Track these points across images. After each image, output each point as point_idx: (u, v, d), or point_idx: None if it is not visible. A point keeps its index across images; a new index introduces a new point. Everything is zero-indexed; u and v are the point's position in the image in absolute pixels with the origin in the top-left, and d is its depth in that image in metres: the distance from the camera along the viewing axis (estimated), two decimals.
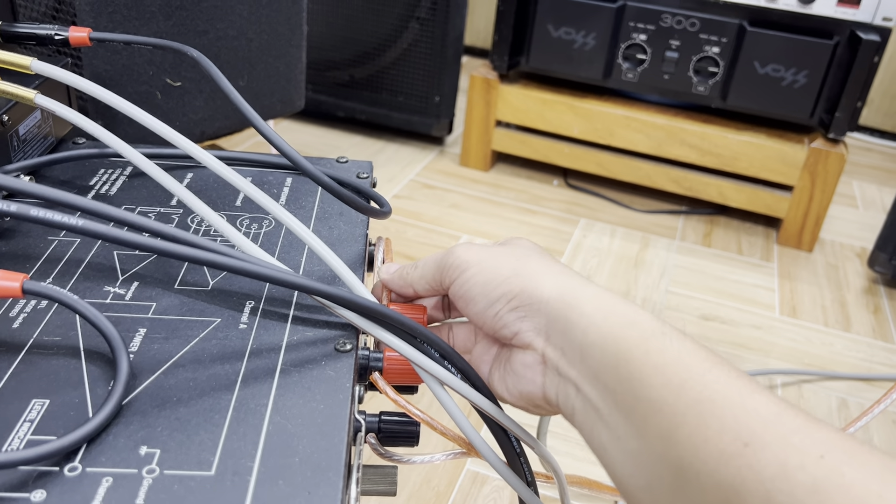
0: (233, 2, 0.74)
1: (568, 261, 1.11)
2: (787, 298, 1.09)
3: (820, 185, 1.17)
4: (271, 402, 0.31)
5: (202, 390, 0.32)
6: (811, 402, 0.89)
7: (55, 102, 0.42)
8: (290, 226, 0.38)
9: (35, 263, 0.40)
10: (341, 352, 0.35)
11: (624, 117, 1.23)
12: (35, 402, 0.31)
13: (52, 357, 0.33)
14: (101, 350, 0.34)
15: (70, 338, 0.34)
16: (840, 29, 1.11)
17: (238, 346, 0.35)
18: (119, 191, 0.48)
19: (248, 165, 0.53)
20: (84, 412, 0.30)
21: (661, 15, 1.17)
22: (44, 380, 0.32)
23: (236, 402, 0.31)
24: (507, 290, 0.34)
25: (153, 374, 0.33)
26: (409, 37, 1.31)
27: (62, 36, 0.48)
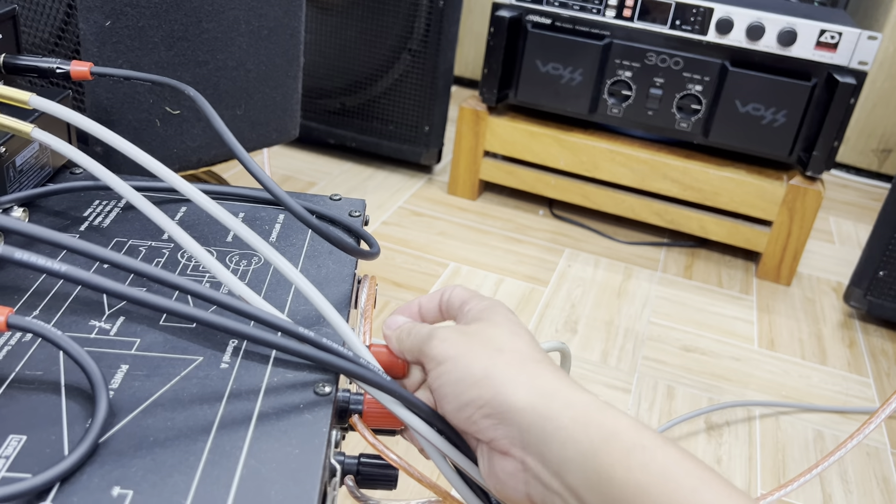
0: (233, 34, 0.77)
1: (553, 290, 1.13)
2: (765, 331, 1.11)
3: (798, 220, 1.20)
4: (247, 446, 0.32)
5: (179, 431, 0.32)
6: (788, 434, 0.91)
7: (51, 136, 0.44)
8: (278, 265, 0.39)
9: (23, 296, 0.40)
10: (320, 395, 0.35)
11: (609, 151, 1.26)
12: (12, 437, 0.31)
13: (33, 392, 0.33)
14: (82, 386, 0.34)
15: (52, 373, 0.35)
16: (818, 71, 1.15)
17: (218, 387, 0.35)
18: (112, 223, 0.49)
19: (241, 200, 0.54)
20: (60, 450, 0.30)
21: (647, 53, 1.21)
22: (22, 415, 0.32)
23: (212, 445, 0.31)
24: (478, 396, 0.32)
25: (132, 413, 0.33)
26: (400, 68, 1.34)
27: (63, 70, 0.50)
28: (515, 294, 1.11)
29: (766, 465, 0.85)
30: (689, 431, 0.89)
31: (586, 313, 1.09)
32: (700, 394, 0.96)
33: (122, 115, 0.71)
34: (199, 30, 0.74)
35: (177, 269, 0.45)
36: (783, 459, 0.87)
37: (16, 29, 0.52)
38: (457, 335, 0.35)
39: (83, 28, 0.67)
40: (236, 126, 0.82)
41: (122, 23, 0.68)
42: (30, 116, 0.47)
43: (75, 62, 0.49)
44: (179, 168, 0.79)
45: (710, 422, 0.91)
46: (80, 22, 0.67)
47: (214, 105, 0.78)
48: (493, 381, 0.32)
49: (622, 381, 0.96)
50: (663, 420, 0.90)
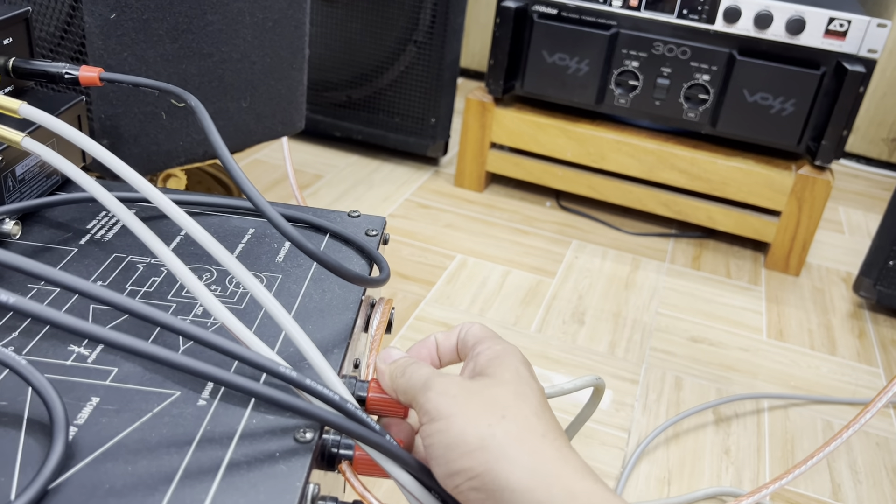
0: (237, 25, 0.76)
1: (560, 281, 1.13)
2: (774, 322, 1.11)
3: (807, 210, 1.19)
4: (209, 501, 0.29)
5: (139, 479, 0.30)
6: (797, 424, 0.91)
7: (42, 146, 0.43)
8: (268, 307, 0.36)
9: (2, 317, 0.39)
10: (300, 442, 0.33)
11: (616, 142, 1.26)
12: None
13: None
14: (46, 421, 0.32)
15: (17, 403, 0.33)
16: (827, 59, 1.14)
17: (190, 429, 0.33)
18: (115, 236, 0.48)
19: (252, 215, 0.53)
20: (7, 495, 0.29)
21: (654, 43, 1.20)
22: None
23: (171, 498, 0.29)
24: (470, 467, 0.30)
25: (92, 454, 0.31)
26: (406, 60, 1.34)
27: (72, 75, 0.50)
28: (522, 285, 1.11)
29: (774, 456, 0.85)
30: (698, 423, 0.89)
31: (594, 304, 1.09)
32: (708, 384, 0.95)
33: (129, 107, 0.71)
34: (203, 22, 0.73)
35: (173, 288, 0.44)
36: (792, 450, 0.87)
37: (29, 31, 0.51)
38: (457, 389, 0.32)
39: (88, 21, 0.67)
40: (241, 119, 0.81)
41: (127, 15, 0.68)
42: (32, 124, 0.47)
43: (84, 67, 0.49)
44: (186, 161, 0.79)
45: (719, 413, 0.91)
46: (85, 15, 0.67)
47: (219, 97, 0.78)
48: (488, 453, 0.29)
49: (630, 373, 0.95)
50: (671, 411, 0.90)
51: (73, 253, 0.46)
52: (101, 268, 0.45)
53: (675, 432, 0.87)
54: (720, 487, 0.79)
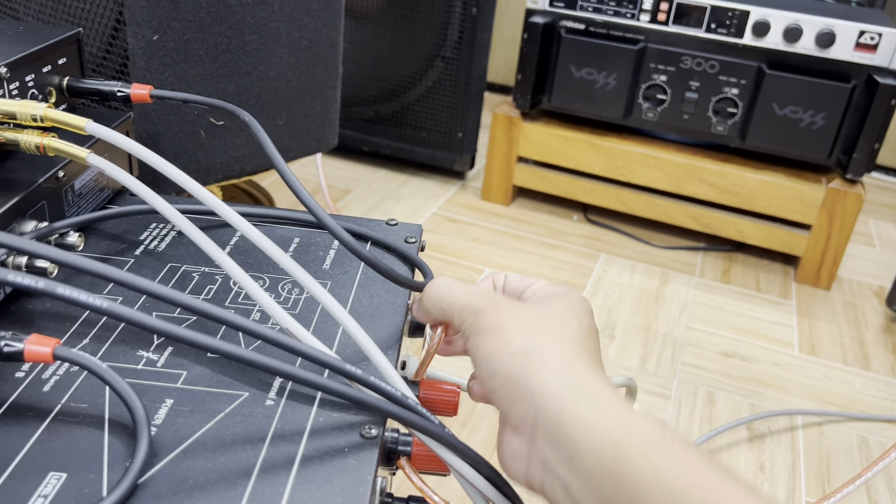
0: (274, 45, 0.78)
1: (589, 295, 1.13)
2: (805, 336, 1.10)
3: (838, 224, 1.19)
4: (288, 492, 0.31)
5: (220, 474, 0.31)
6: (832, 440, 0.90)
7: (106, 162, 0.44)
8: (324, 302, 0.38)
9: (73, 324, 0.40)
10: (366, 438, 0.34)
11: (644, 155, 1.26)
12: (52, 475, 0.31)
13: (76, 426, 0.33)
14: (126, 421, 0.34)
15: (97, 405, 0.34)
16: (857, 72, 1.13)
17: (262, 427, 0.34)
18: (168, 247, 0.49)
19: (297, 225, 0.54)
20: (99, 490, 0.30)
21: (682, 57, 1.20)
22: (64, 451, 0.32)
23: (252, 491, 0.31)
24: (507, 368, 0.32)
25: (173, 452, 0.32)
26: (433, 75, 1.35)
27: (124, 93, 0.51)
28: None
29: (810, 472, 0.84)
30: (732, 440, 0.89)
31: (623, 319, 1.09)
32: (741, 400, 0.95)
33: (169, 126, 0.73)
34: (241, 42, 0.75)
35: (229, 296, 0.45)
36: (827, 466, 0.86)
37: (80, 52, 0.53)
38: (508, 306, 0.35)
39: (132, 42, 0.69)
40: (277, 135, 0.83)
41: (169, 37, 0.69)
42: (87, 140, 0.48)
43: (135, 85, 0.51)
44: (223, 177, 0.80)
45: (753, 429, 0.90)
46: (128, 36, 0.69)
47: (256, 115, 0.80)
48: (526, 356, 0.32)
49: (661, 387, 0.95)
50: (704, 427, 0.89)
51: (130, 263, 0.47)
52: (158, 277, 0.46)
53: (709, 449, 0.86)
54: None
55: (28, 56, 0.48)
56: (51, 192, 0.46)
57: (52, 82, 0.52)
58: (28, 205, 0.44)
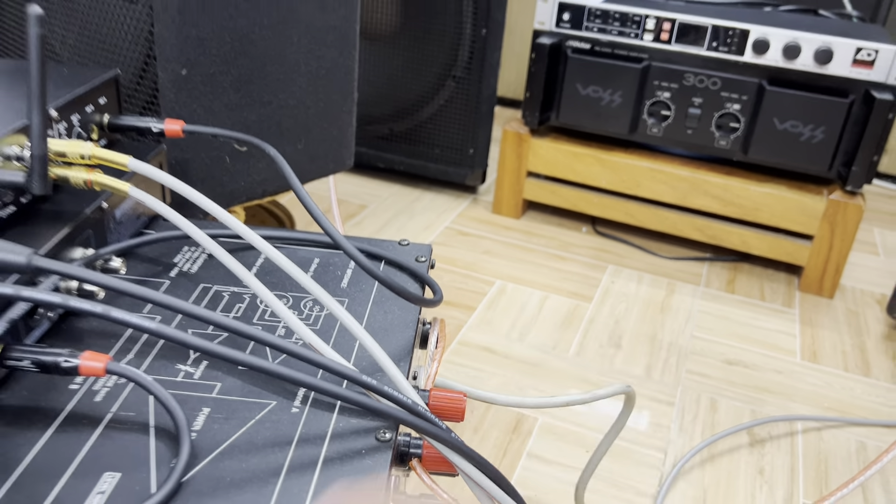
0: (294, 75, 0.83)
1: (597, 305, 1.17)
2: (808, 344, 1.13)
3: (839, 234, 1.22)
4: (312, 490, 0.35)
5: (252, 473, 0.35)
6: (831, 445, 0.93)
7: (145, 194, 0.49)
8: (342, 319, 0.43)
9: (118, 340, 0.45)
10: (381, 442, 0.38)
11: (649, 169, 1.30)
12: (107, 475, 0.35)
13: (126, 432, 0.38)
14: (169, 427, 0.38)
15: (143, 414, 0.39)
16: (855, 88, 1.17)
17: (288, 432, 0.38)
18: (200, 269, 0.54)
19: (317, 246, 0.59)
20: (148, 487, 0.34)
21: (684, 74, 1.24)
22: (116, 454, 0.36)
23: (281, 488, 0.35)
24: None
25: (211, 454, 0.37)
26: (445, 94, 1.40)
27: (159, 128, 0.56)
28: (560, 310, 1.15)
29: (808, 476, 0.88)
30: (733, 444, 0.92)
31: (630, 328, 1.13)
32: (743, 406, 0.98)
33: (197, 153, 0.78)
34: (263, 73, 0.80)
35: (256, 313, 0.49)
36: (826, 470, 0.89)
37: (118, 91, 0.58)
38: None
39: (162, 77, 0.74)
40: (296, 160, 0.88)
41: (197, 70, 0.75)
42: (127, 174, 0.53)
43: (168, 121, 0.56)
44: (246, 199, 0.85)
45: (754, 434, 0.94)
46: (159, 71, 0.74)
47: (277, 141, 0.85)
48: None
49: (666, 395, 0.99)
50: (706, 432, 0.93)
51: (166, 284, 0.52)
52: (192, 297, 0.51)
53: (710, 453, 0.90)
54: None
55: (74, 99, 0.53)
56: (95, 222, 0.51)
57: (95, 120, 0.57)
58: (76, 234, 0.49)
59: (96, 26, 0.80)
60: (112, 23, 0.78)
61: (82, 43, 0.80)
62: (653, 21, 1.24)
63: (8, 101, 0.51)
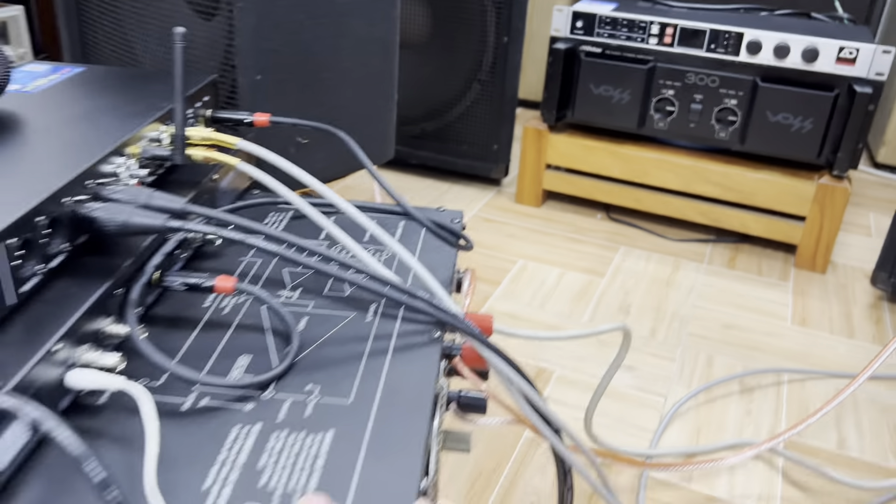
0: (345, 80, 0.99)
1: (608, 281, 1.32)
2: (798, 311, 1.27)
3: (828, 215, 1.35)
4: (386, 367, 0.49)
5: (343, 359, 0.49)
6: (812, 392, 1.07)
7: (250, 166, 0.65)
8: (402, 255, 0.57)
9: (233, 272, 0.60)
10: (433, 339, 0.52)
11: (657, 160, 1.44)
12: (242, 356, 0.49)
13: (250, 332, 0.52)
14: (280, 329, 0.52)
15: (259, 320, 0.53)
16: (839, 83, 1.31)
17: (365, 333, 0.52)
18: (284, 229, 0.70)
19: (372, 212, 0.75)
20: (270, 366, 0.49)
21: (686, 74, 1.39)
22: (246, 345, 0.50)
23: (365, 365, 0.49)
24: None
25: (312, 345, 0.51)
26: (471, 96, 1.56)
27: (250, 120, 0.72)
28: (575, 285, 1.30)
29: (790, 416, 1.02)
30: (725, 391, 1.06)
31: (638, 300, 1.27)
32: (736, 362, 1.12)
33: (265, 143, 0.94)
34: (320, 78, 0.96)
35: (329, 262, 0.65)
36: (805, 411, 1.03)
37: (216, 91, 0.75)
38: None
39: (241, 81, 0.91)
40: (346, 152, 1.04)
41: (268, 76, 0.91)
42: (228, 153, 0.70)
43: (257, 114, 0.72)
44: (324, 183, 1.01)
45: (744, 383, 1.08)
46: (238, 76, 0.91)
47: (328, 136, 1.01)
48: None
49: (667, 352, 1.13)
50: (702, 382, 1.07)
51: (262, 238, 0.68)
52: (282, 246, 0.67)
53: (705, 398, 1.04)
54: (741, 439, 0.96)
55: (189, 97, 0.70)
56: (210, 189, 0.68)
57: (201, 113, 0.73)
58: (199, 197, 0.65)
59: None
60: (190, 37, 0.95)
61: (162, 51, 0.97)
62: (657, 26, 1.39)
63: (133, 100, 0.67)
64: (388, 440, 0.43)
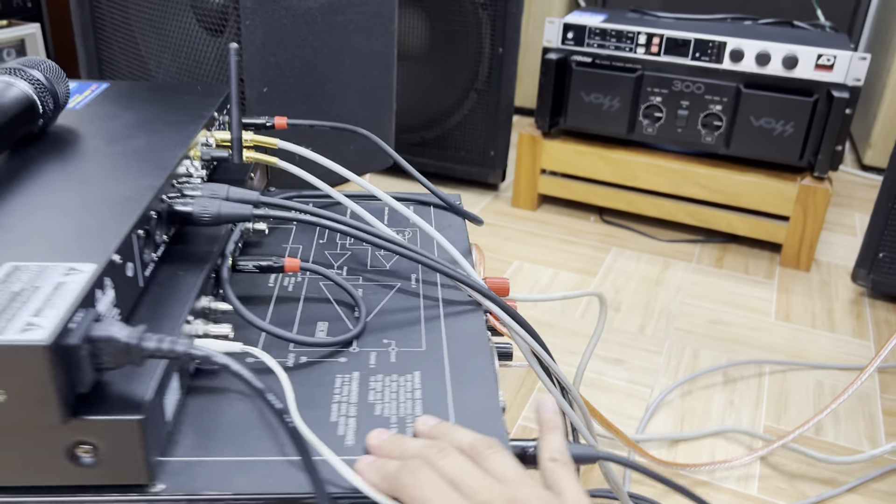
0: (347, 90, 1.06)
1: (600, 280, 1.38)
2: (782, 307, 1.33)
3: (811, 214, 1.41)
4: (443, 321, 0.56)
5: (405, 316, 0.58)
6: (792, 383, 1.13)
7: (289, 164, 0.71)
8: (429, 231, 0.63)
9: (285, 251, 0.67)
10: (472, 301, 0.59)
11: (646, 164, 1.50)
12: (320, 322, 0.56)
13: (318, 303, 0.59)
14: (341, 299, 0.60)
15: (322, 294, 0.61)
16: (818, 88, 1.37)
17: (415, 297, 0.60)
18: None
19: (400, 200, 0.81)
20: (347, 329, 0.56)
21: (673, 81, 1.45)
22: (319, 313, 0.58)
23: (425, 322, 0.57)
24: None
25: (373, 311, 0.58)
26: (469, 105, 1.62)
27: (271, 123, 0.79)
28: (568, 284, 1.36)
29: (770, 406, 1.07)
30: (709, 382, 1.12)
31: (628, 297, 1.33)
32: (720, 354, 1.18)
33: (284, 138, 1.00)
34: (323, 89, 1.03)
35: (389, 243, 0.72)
36: (786, 402, 1.08)
37: None
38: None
39: (248, 93, 0.97)
40: (350, 157, 1.10)
41: (274, 88, 0.98)
42: None
43: (277, 118, 0.78)
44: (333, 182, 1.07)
45: (728, 374, 1.14)
46: (245, 89, 0.97)
47: (334, 142, 1.07)
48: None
49: (655, 346, 1.19)
50: (688, 374, 1.13)
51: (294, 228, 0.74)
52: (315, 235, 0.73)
53: (689, 388, 1.10)
54: (723, 426, 1.02)
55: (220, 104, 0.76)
56: (249, 186, 0.74)
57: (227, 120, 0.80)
58: None
59: (185, 53, 1.04)
60: (199, 51, 1.01)
61: (174, 66, 1.04)
62: (644, 37, 1.45)
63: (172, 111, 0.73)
64: (465, 375, 0.52)
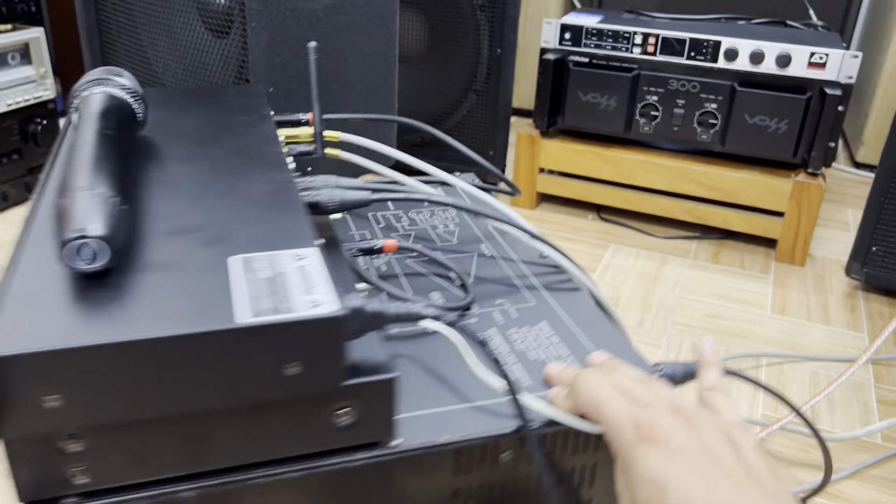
0: (350, 90, 1.08)
1: (599, 276, 1.40)
2: (778, 301, 1.35)
3: (805, 210, 1.44)
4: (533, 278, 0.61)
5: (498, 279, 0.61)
6: (789, 375, 1.15)
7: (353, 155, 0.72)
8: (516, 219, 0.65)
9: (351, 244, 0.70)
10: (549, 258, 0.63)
11: (643, 162, 1.53)
12: (432, 293, 0.59)
13: (420, 278, 0.62)
14: (443, 273, 0.63)
15: (415, 269, 0.63)
16: (811, 86, 1.39)
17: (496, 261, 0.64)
18: None
19: None
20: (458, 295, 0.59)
21: (669, 80, 1.47)
22: (427, 286, 0.60)
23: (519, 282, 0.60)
24: None
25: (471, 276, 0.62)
26: (467, 105, 1.65)
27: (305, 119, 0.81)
28: None
29: (767, 397, 1.10)
30: None
31: (626, 293, 1.35)
32: (718, 347, 1.20)
33: None
34: (327, 90, 1.05)
35: None
36: (783, 391, 1.11)
37: None
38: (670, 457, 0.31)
39: None
40: None
41: (280, 88, 1.00)
42: None
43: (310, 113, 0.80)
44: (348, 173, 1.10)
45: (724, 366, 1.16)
46: None
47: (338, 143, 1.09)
48: None
49: (654, 340, 1.21)
50: None
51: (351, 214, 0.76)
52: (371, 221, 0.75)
53: None
54: None
55: None
56: None
57: None
58: None
59: (191, 55, 1.06)
60: (204, 53, 1.04)
61: (180, 68, 1.06)
62: (640, 37, 1.48)
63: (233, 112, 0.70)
64: (584, 318, 0.58)
